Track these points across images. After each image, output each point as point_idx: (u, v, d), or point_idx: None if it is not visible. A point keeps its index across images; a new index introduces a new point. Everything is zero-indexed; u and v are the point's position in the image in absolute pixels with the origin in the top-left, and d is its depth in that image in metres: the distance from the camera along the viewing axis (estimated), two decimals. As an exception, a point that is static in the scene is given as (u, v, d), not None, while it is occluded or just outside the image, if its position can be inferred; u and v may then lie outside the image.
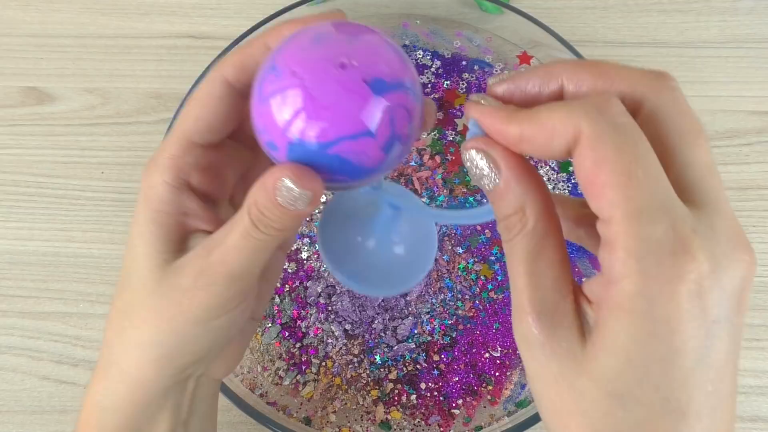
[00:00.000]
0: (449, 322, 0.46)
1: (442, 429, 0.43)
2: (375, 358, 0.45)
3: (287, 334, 0.46)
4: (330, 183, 0.22)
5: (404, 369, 0.45)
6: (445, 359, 0.45)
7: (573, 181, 0.49)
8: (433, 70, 0.53)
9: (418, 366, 0.45)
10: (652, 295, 0.17)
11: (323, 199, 0.25)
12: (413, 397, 0.44)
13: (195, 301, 0.24)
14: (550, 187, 0.49)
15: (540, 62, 0.53)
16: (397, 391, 0.44)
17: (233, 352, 0.29)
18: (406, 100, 0.21)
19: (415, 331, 0.45)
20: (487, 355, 0.45)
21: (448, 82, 0.52)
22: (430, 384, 0.44)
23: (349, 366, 0.45)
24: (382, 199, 0.27)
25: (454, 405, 0.44)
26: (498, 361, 0.45)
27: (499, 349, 0.45)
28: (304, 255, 0.48)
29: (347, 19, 0.23)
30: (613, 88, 0.20)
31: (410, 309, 0.46)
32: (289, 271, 0.47)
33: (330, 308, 0.46)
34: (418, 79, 0.22)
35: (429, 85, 0.52)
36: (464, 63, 0.53)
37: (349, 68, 0.20)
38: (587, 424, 0.19)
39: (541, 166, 0.49)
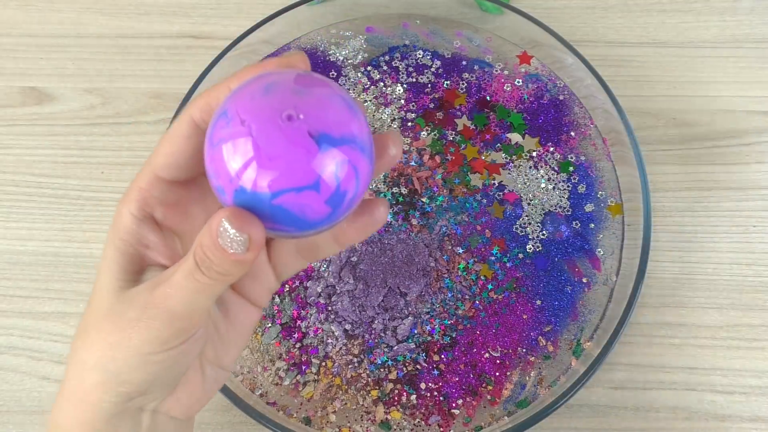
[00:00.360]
0: (449, 322, 0.46)
1: (442, 429, 0.43)
2: (375, 358, 0.45)
3: (287, 334, 0.46)
4: (275, 232, 0.22)
5: (404, 369, 0.45)
6: (445, 359, 0.45)
7: (573, 180, 0.49)
8: (433, 70, 0.53)
9: (418, 366, 0.45)
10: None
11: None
12: (413, 397, 0.44)
13: (136, 333, 0.24)
14: (550, 187, 0.49)
15: (540, 62, 0.53)
16: (397, 391, 0.44)
17: (191, 392, 0.28)
18: (353, 155, 0.21)
19: (415, 331, 0.45)
20: (487, 355, 0.45)
21: (448, 82, 0.52)
22: (430, 384, 0.44)
23: (349, 366, 0.45)
24: None
25: (454, 405, 0.44)
26: (498, 361, 0.45)
27: (499, 349, 0.45)
28: (304, 255, 0.48)
29: (306, 65, 0.24)
30: None
31: (410, 309, 0.46)
32: (289, 271, 0.47)
33: (330, 308, 0.46)
34: (370, 134, 0.22)
35: (429, 85, 0.52)
36: (464, 63, 0.53)
37: (295, 121, 0.20)
38: None
39: (541, 166, 0.49)
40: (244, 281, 0.28)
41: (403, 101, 0.52)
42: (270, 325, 0.46)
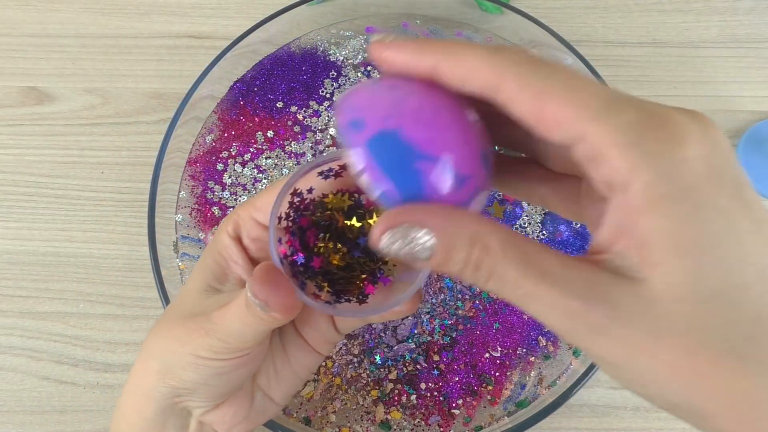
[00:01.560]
0: (449, 322, 0.46)
1: (442, 429, 0.43)
2: (375, 358, 0.45)
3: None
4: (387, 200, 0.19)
5: (404, 369, 0.45)
6: (445, 359, 0.45)
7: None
8: (433, 70, 0.53)
9: (418, 366, 0.45)
10: (667, 171, 0.16)
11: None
12: (413, 397, 0.44)
13: (196, 336, 0.26)
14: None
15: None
16: (397, 391, 0.44)
17: (237, 411, 0.29)
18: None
19: (415, 331, 0.45)
20: (487, 355, 0.45)
21: (448, 82, 0.52)
22: (430, 384, 0.44)
23: (349, 366, 0.45)
24: None
25: (454, 405, 0.44)
26: (498, 361, 0.45)
27: (499, 349, 0.45)
28: (304, 255, 0.48)
29: None
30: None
31: (410, 309, 0.46)
32: (289, 271, 0.47)
33: (330, 308, 0.46)
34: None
35: (429, 85, 0.52)
36: (464, 63, 0.53)
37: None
38: (708, 351, 0.16)
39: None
40: (303, 326, 0.30)
41: (403, 101, 0.52)
42: (270, 325, 0.46)
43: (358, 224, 0.24)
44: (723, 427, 0.17)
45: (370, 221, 0.24)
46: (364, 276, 0.25)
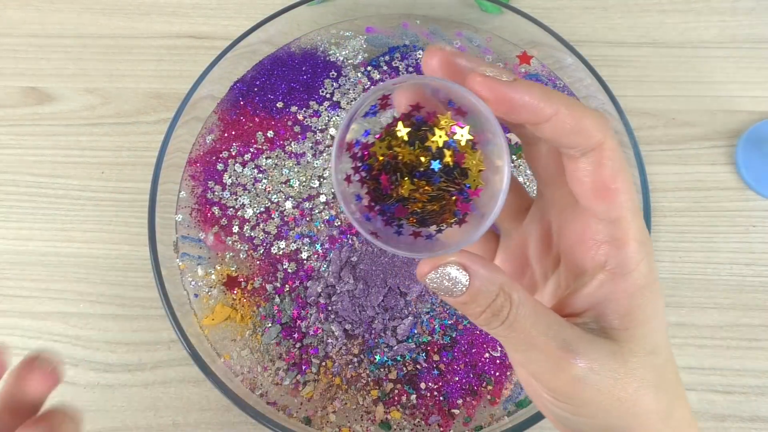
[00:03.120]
0: (449, 322, 0.46)
1: (442, 429, 0.43)
2: (375, 358, 0.45)
3: (287, 334, 0.46)
4: None
5: (404, 369, 0.45)
6: (445, 359, 0.45)
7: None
8: (433, 70, 0.53)
9: (418, 366, 0.45)
10: (653, 269, 0.23)
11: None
12: (413, 397, 0.44)
13: None
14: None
15: (540, 62, 0.53)
16: (397, 391, 0.44)
17: None
18: None
19: (415, 331, 0.45)
20: (487, 355, 0.45)
21: (448, 82, 0.52)
22: (430, 384, 0.44)
23: (349, 366, 0.45)
24: None
25: (454, 405, 0.44)
26: (498, 361, 0.45)
27: (499, 349, 0.45)
28: (304, 255, 0.48)
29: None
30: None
31: (410, 309, 0.46)
32: (289, 271, 0.47)
33: (330, 308, 0.46)
34: None
35: (429, 85, 0.52)
36: (464, 63, 0.53)
37: None
38: (647, 385, 0.23)
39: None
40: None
41: (403, 101, 0.52)
42: (270, 325, 0.46)
43: (424, 150, 0.22)
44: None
45: (435, 138, 0.22)
46: (454, 198, 0.23)
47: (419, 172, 0.22)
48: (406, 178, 0.22)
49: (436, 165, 0.22)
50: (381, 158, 0.23)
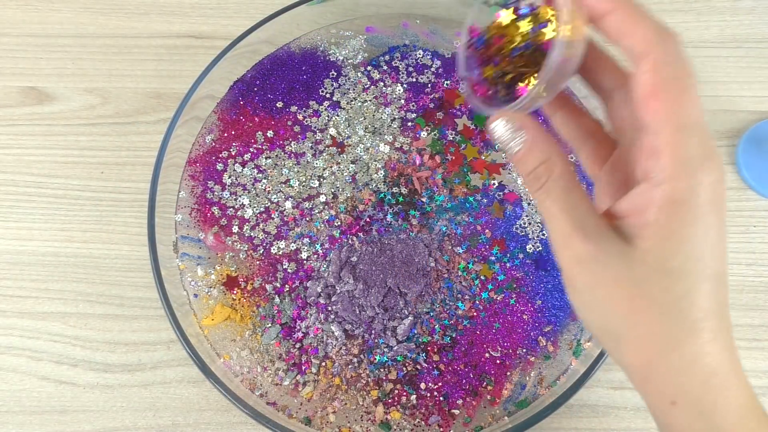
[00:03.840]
0: (449, 322, 0.46)
1: (442, 429, 0.43)
2: (375, 359, 0.45)
3: (287, 334, 0.46)
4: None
5: (404, 369, 0.45)
6: (445, 359, 0.45)
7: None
8: (433, 69, 0.53)
9: (418, 366, 0.45)
10: (695, 188, 0.22)
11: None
12: (413, 397, 0.44)
13: None
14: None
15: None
16: (397, 391, 0.44)
17: None
18: None
19: (415, 331, 0.45)
20: (487, 355, 0.45)
21: (448, 81, 0.52)
22: (430, 384, 0.44)
23: (349, 366, 0.45)
24: None
25: (454, 405, 0.44)
26: (498, 361, 0.45)
27: (499, 349, 0.45)
28: (304, 255, 0.48)
29: None
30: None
31: (410, 309, 0.46)
32: (289, 271, 0.47)
33: (330, 308, 0.46)
34: None
35: (429, 85, 0.52)
36: (464, 63, 0.53)
37: None
38: (649, 301, 0.23)
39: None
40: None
41: (403, 101, 0.52)
42: (270, 325, 0.46)
43: (527, 29, 0.27)
44: (628, 350, 0.24)
45: (530, 21, 0.26)
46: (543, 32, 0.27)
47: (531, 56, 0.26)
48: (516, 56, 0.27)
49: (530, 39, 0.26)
50: (496, 39, 0.28)
